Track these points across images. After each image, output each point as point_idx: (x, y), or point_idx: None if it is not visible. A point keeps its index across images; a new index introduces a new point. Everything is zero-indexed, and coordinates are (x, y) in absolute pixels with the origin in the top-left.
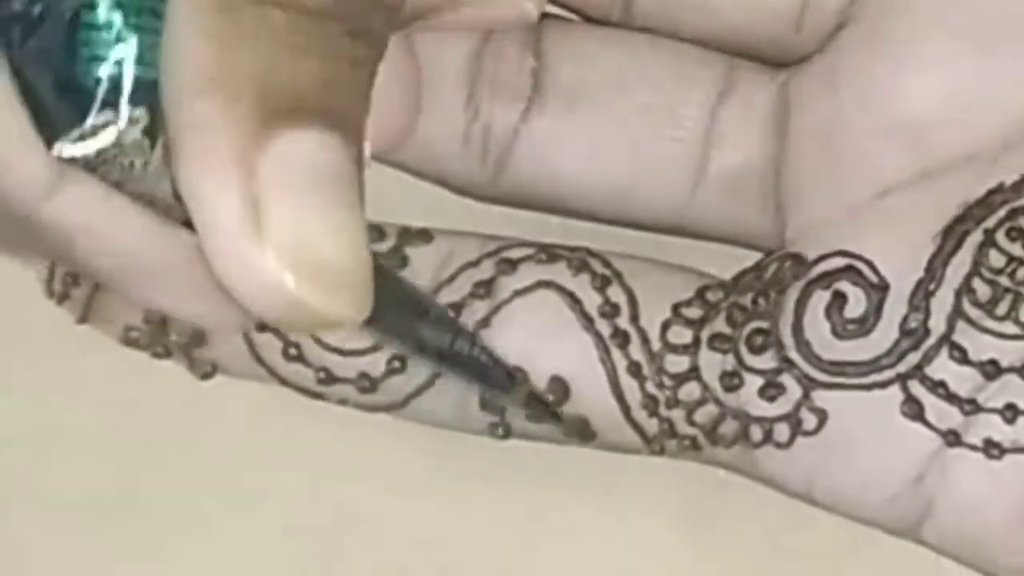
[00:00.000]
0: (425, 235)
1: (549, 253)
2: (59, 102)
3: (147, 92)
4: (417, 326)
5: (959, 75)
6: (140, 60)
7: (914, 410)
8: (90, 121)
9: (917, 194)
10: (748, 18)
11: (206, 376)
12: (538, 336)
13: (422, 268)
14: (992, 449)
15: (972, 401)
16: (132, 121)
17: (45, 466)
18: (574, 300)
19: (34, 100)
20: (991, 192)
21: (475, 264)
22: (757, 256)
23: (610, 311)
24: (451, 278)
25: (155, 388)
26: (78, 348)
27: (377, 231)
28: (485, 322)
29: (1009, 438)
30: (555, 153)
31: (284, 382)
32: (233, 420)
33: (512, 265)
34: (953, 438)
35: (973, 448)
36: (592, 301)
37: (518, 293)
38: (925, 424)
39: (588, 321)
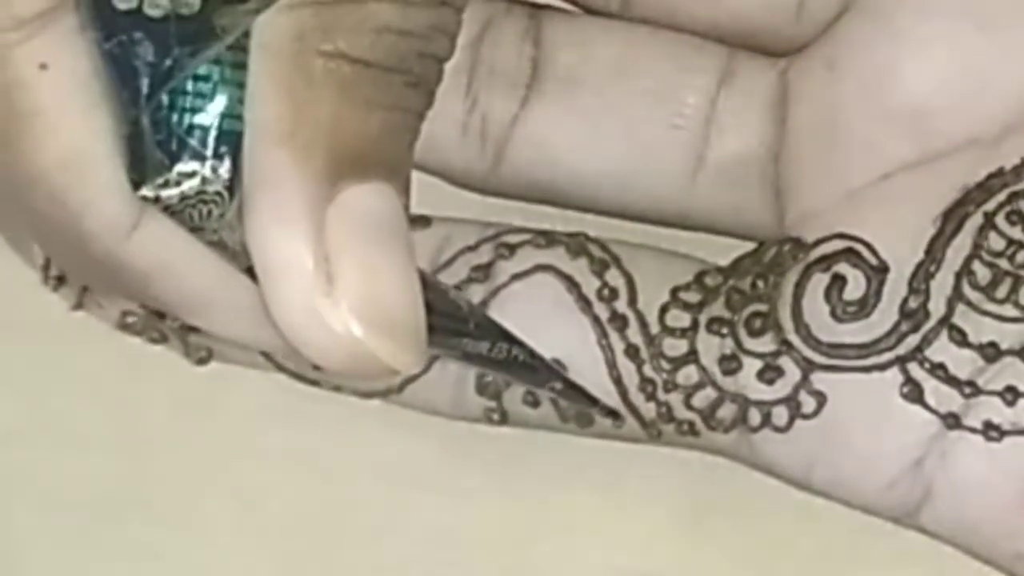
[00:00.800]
0: (423, 220)
1: (547, 238)
2: (153, 148)
3: (232, 145)
4: (461, 336)
5: (959, 59)
6: (229, 113)
7: (914, 393)
8: (177, 168)
9: (917, 177)
10: (747, 7)
11: (201, 361)
12: (536, 320)
13: (420, 252)
14: (992, 432)
15: (972, 384)
16: (215, 172)
17: (44, 463)
18: (572, 284)
19: (132, 142)
20: (991, 176)
21: (473, 248)
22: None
23: (608, 295)
24: (449, 262)
25: (155, 385)
26: (78, 345)
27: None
28: (483, 305)
29: (1009, 420)
30: (553, 141)
31: (280, 368)
32: (234, 417)
33: (510, 249)
34: (953, 421)
35: (973, 431)
36: (590, 285)
37: (516, 277)
38: (925, 407)
39: (586, 305)
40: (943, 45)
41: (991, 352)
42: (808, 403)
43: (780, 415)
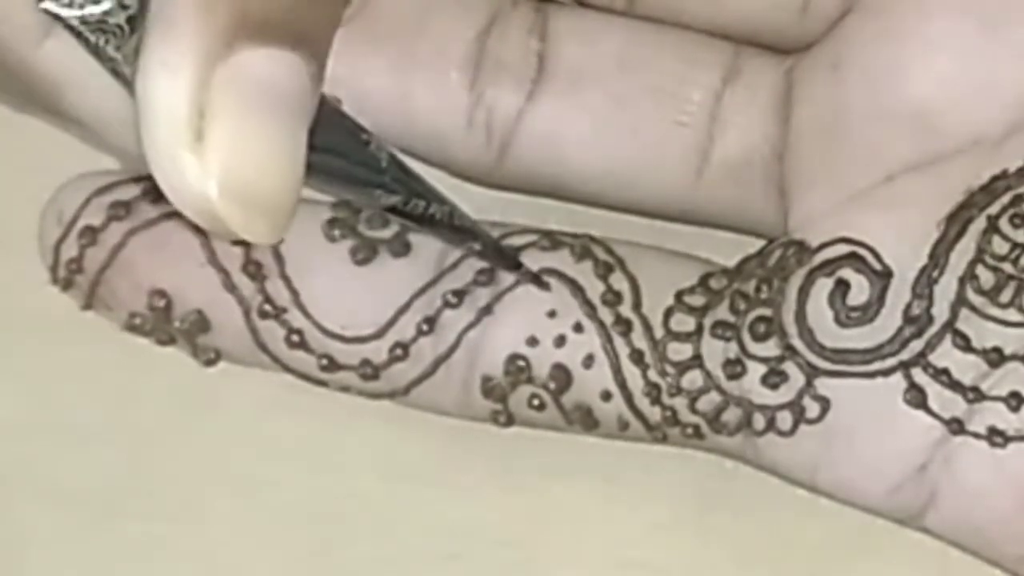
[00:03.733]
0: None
1: (552, 240)
2: None
3: None
4: (374, 186)
5: (963, 60)
6: None
7: (917, 398)
8: None
9: (921, 180)
10: (752, 6)
11: (209, 363)
12: (540, 323)
13: (425, 255)
14: (996, 437)
15: (976, 389)
16: (121, 4)
17: (47, 457)
18: (577, 287)
19: None
20: (995, 178)
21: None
22: (761, 243)
23: (613, 299)
24: (454, 265)
25: (158, 379)
26: (81, 339)
27: (380, 218)
28: (488, 309)
29: (1013, 426)
30: (558, 136)
31: (287, 369)
32: (237, 411)
33: (515, 252)
34: (957, 426)
35: (977, 436)
36: (595, 289)
37: (521, 280)
38: (928, 412)
39: (591, 308)
40: (947, 46)
41: (995, 357)
42: (812, 408)
43: (784, 419)
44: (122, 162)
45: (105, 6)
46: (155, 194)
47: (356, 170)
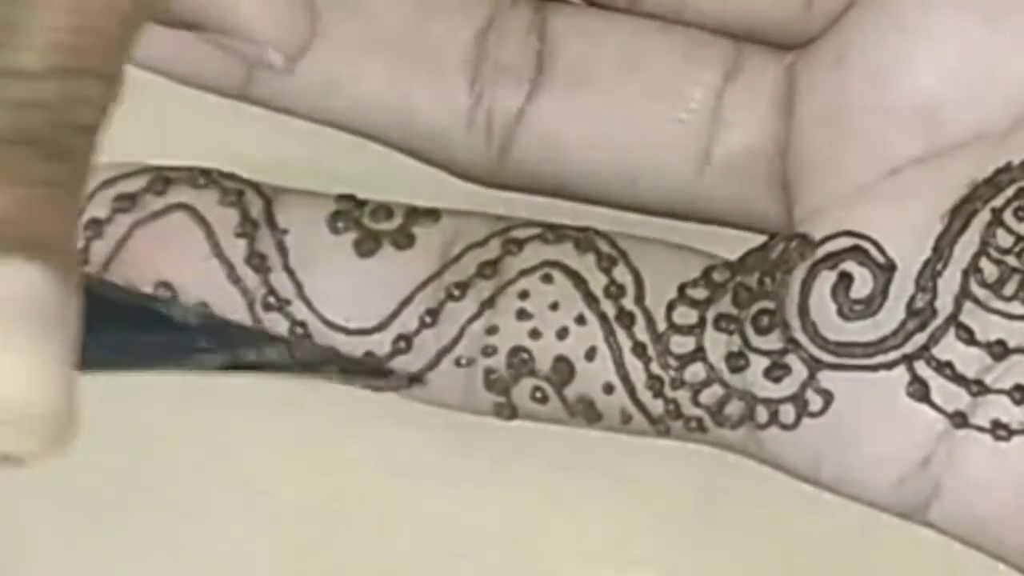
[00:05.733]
0: (432, 214)
1: (556, 233)
2: None
3: None
4: (195, 352)
5: (966, 53)
6: None
7: (920, 391)
8: None
9: (925, 173)
10: (756, 2)
11: None
12: (542, 316)
13: (428, 247)
14: (1000, 431)
15: (979, 382)
16: None
17: None
18: (579, 280)
19: None
20: (999, 171)
21: (482, 244)
22: (764, 238)
23: (616, 291)
24: (457, 257)
25: (158, 375)
26: None
27: (384, 210)
28: (490, 302)
29: (1017, 419)
30: (559, 136)
31: None
32: (238, 406)
33: (518, 245)
34: (960, 420)
35: (981, 430)
36: (598, 281)
37: (523, 273)
38: (931, 405)
39: (593, 301)
40: (950, 39)
41: (999, 350)
42: (815, 401)
43: (787, 413)
44: None
45: None
46: (160, 186)
47: (166, 342)
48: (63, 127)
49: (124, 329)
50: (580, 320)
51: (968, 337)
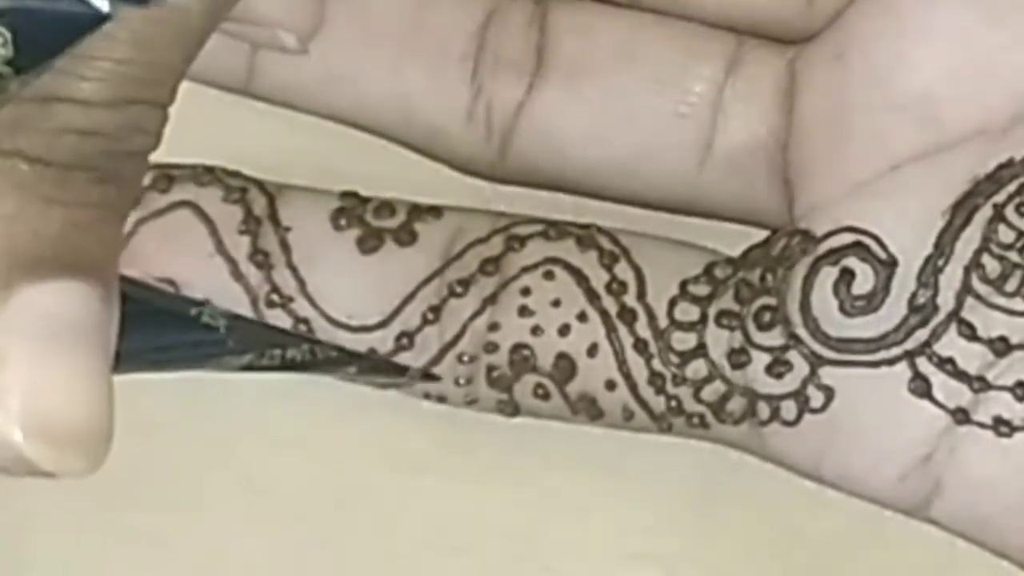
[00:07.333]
0: (435, 211)
1: (558, 230)
2: None
3: None
4: (222, 355)
5: (967, 48)
6: None
7: (922, 387)
8: None
9: (926, 169)
10: None
11: None
12: (544, 313)
13: (431, 244)
14: (1002, 427)
15: (981, 378)
16: None
17: None
18: (581, 277)
19: None
20: (1001, 166)
21: (484, 241)
22: (765, 233)
23: (617, 288)
24: (460, 255)
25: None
26: None
27: (387, 207)
28: (493, 299)
29: (1019, 416)
30: (559, 130)
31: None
32: (240, 401)
33: (520, 242)
34: (962, 416)
35: (982, 426)
36: (599, 278)
37: (525, 270)
38: (933, 402)
39: (595, 298)
40: (951, 34)
41: (1001, 346)
42: (816, 397)
43: (789, 409)
44: None
45: None
46: (164, 184)
47: (195, 347)
48: (119, 154)
49: (152, 331)
50: (582, 317)
51: (970, 333)
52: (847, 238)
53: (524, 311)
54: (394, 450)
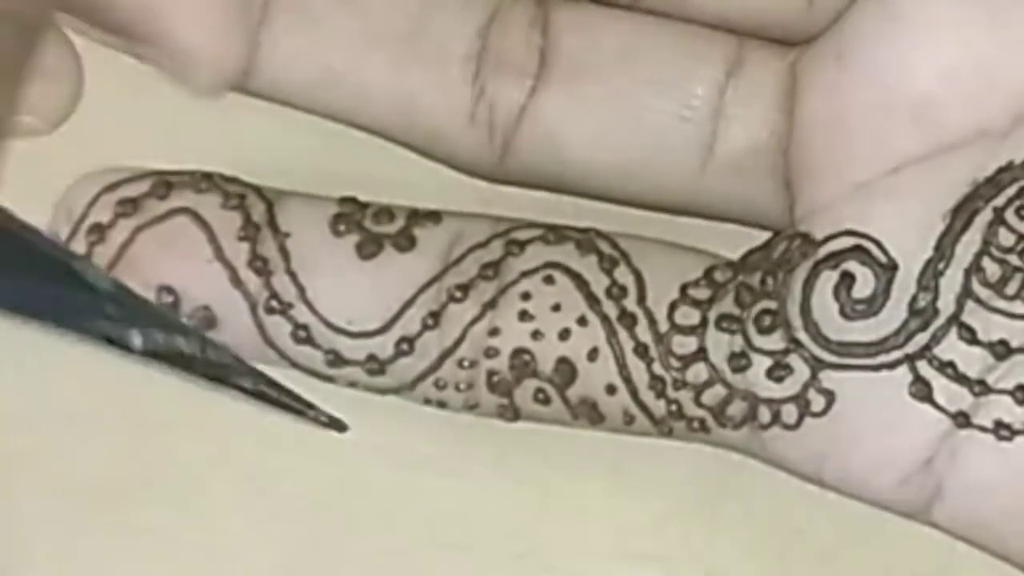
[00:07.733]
0: (434, 216)
1: (557, 234)
2: None
3: None
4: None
5: (967, 50)
6: None
7: (922, 391)
8: None
9: (926, 172)
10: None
11: None
12: (544, 318)
13: (430, 249)
14: (1003, 430)
15: (982, 382)
16: None
17: (50, 447)
18: (581, 281)
19: None
20: (1001, 170)
21: (484, 245)
22: (766, 236)
23: (617, 292)
24: (459, 259)
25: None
26: None
27: (386, 212)
28: (492, 303)
29: (1020, 419)
30: (561, 131)
31: (293, 364)
32: (239, 402)
33: (520, 246)
34: (963, 419)
35: (983, 430)
36: (599, 282)
37: (525, 274)
38: (934, 405)
39: (595, 302)
40: (951, 36)
41: (1001, 350)
42: (817, 401)
43: (789, 413)
44: None
45: None
46: (163, 190)
47: (68, 301)
48: None
49: (24, 272)
50: (582, 321)
51: (970, 337)
52: (847, 241)
53: (524, 316)
54: (394, 450)
